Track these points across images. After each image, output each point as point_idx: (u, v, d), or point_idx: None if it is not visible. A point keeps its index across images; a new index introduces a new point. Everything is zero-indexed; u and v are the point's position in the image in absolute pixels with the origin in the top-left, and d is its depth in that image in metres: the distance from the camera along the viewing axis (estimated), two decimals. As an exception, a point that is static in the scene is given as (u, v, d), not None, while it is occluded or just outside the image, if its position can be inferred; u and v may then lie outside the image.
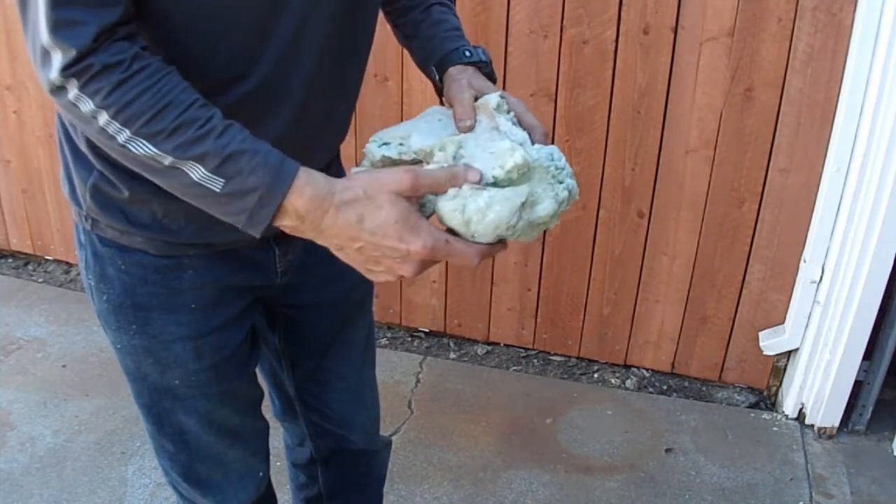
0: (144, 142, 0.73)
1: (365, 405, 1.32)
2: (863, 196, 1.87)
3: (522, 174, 0.81)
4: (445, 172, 0.80)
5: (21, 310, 2.61)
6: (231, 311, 1.03)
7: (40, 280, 2.81)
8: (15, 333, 2.48)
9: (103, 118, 0.73)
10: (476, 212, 0.79)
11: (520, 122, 0.91)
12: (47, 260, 2.87)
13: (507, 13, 2.01)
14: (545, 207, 0.83)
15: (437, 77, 1.01)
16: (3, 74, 2.55)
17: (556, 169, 0.84)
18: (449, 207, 0.80)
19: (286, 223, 0.77)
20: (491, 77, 1.01)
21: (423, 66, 1.05)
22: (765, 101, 1.93)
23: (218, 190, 0.74)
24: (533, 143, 0.88)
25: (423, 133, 0.87)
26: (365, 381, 1.31)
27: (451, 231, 0.82)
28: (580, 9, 1.96)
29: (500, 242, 0.83)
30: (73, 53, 0.70)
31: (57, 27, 0.69)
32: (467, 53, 1.00)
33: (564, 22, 1.99)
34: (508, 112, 0.90)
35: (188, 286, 0.98)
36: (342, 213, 0.76)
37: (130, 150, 0.74)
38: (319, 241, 0.80)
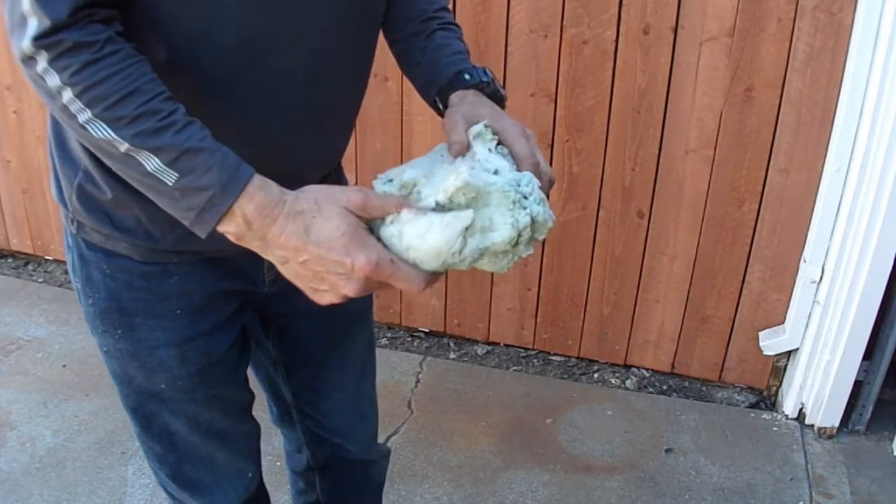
0: (104, 125, 0.72)
1: (363, 417, 1.31)
2: (863, 196, 1.87)
3: (472, 198, 0.78)
4: (396, 198, 0.79)
5: (21, 310, 2.61)
6: (218, 316, 1.02)
7: (40, 280, 2.81)
8: (15, 333, 2.48)
9: (67, 95, 0.72)
10: (415, 237, 0.77)
11: (511, 150, 0.88)
12: (47, 260, 2.87)
13: (507, 13, 2.01)
14: (501, 234, 0.80)
15: (441, 107, 0.98)
16: (3, 74, 2.55)
17: (518, 195, 0.81)
18: (388, 233, 0.78)
19: (231, 229, 0.76)
20: (496, 95, 0.98)
21: (425, 94, 1.02)
22: (765, 101, 1.93)
23: (170, 183, 0.74)
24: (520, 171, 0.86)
25: (417, 167, 0.86)
26: (364, 394, 1.30)
27: None
28: (580, 9, 1.96)
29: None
30: (47, 23, 0.69)
31: None
32: (466, 77, 0.97)
33: (564, 22, 1.99)
34: (494, 140, 0.88)
35: (174, 292, 0.97)
36: (291, 222, 0.75)
37: (89, 132, 0.73)
38: (264, 254, 0.78)
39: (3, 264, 2.89)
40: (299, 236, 0.75)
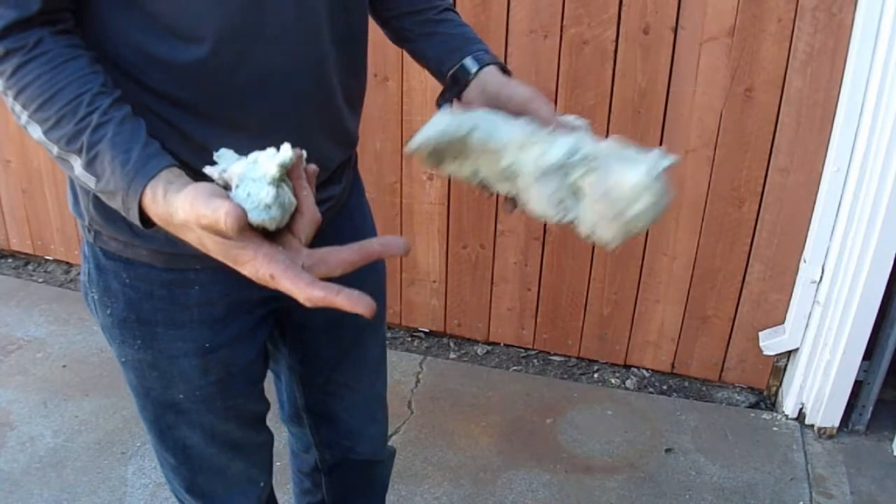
0: (38, 127, 0.73)
1: (374, 419, 1.31)
2: (863, 196, 1.87)
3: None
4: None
5: (21, 310, 2.61)
6: (239, 327, 1.01)
7: (40, 280, 2.81)
8: (15, 333, 2.48)
9: (10, 99, 0.74)
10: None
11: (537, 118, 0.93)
12: (47, 260, 2.87)
13: (506, 13, 2.01)
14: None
15: (473, 71, 0.99)
16: (3, 74, 2.55)
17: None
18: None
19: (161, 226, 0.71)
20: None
21: (452, 56, 1.02)
22: (765, 101, 1.93)
23: (93, 186, 0.73)
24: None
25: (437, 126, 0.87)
26: (376, 396, 1.30)
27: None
28: (580, 9, 1.96)
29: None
30: None
31: None
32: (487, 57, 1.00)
33: (564, 22, 1.99)
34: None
35: (195, 301, 0.96)
36: (183, 234, 0.70)
37: (29, 133, 0.74)
38: None
39: (3, 264, 2.89)
40: (197, 244, 0.70)
